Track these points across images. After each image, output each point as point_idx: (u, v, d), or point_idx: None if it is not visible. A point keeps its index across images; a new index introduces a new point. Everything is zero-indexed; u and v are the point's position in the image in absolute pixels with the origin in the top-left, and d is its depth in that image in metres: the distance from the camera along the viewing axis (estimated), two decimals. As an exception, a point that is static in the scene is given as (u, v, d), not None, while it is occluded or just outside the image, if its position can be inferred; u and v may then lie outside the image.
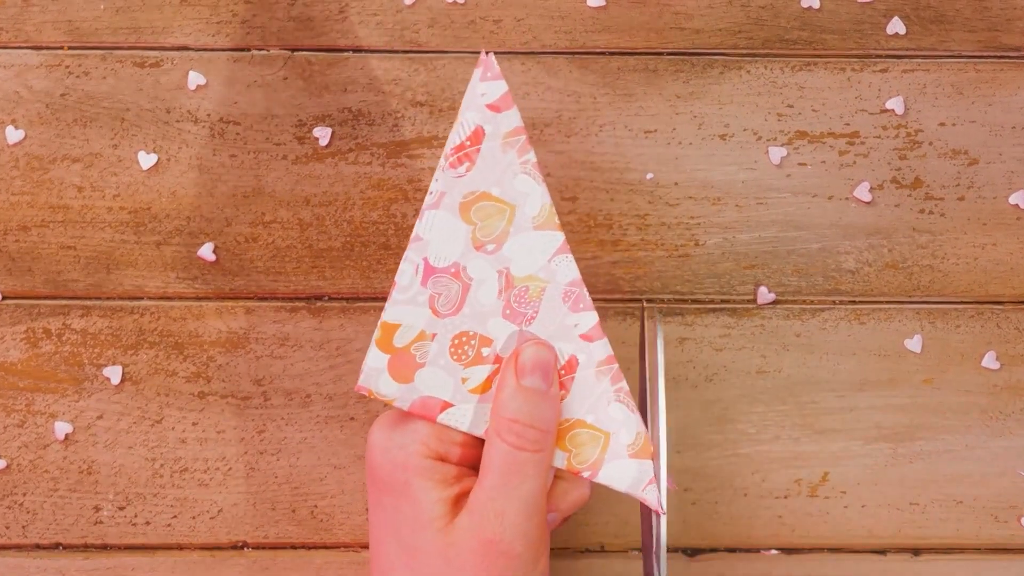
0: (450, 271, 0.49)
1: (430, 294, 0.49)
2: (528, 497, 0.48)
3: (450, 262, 0.49)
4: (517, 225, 0.49)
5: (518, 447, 0.48)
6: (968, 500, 0.58)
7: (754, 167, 0.59)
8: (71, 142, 0.59)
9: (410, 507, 0.49)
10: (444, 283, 0.49)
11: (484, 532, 0.48)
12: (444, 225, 0.49)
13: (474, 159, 0.49)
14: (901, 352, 0.58)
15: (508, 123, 0.49)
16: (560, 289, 0.49)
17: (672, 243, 0.59)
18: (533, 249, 0.49)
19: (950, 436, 0.58)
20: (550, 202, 0.49)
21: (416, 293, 0.49)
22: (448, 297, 0.49)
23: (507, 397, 0.49)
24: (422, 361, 0.49)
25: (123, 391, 0.58)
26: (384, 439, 0.50)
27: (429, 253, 0.49)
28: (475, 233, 0.49)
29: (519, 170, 0.49)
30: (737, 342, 0.59)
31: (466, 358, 0.49)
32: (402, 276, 0.49)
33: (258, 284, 0.59)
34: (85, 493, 0.58)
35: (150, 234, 0.59)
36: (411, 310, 0.49)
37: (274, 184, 0.59)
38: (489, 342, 0.49)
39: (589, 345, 0.49)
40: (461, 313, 0.49)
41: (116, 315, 0.59)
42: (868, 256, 0.59)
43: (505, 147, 0.49)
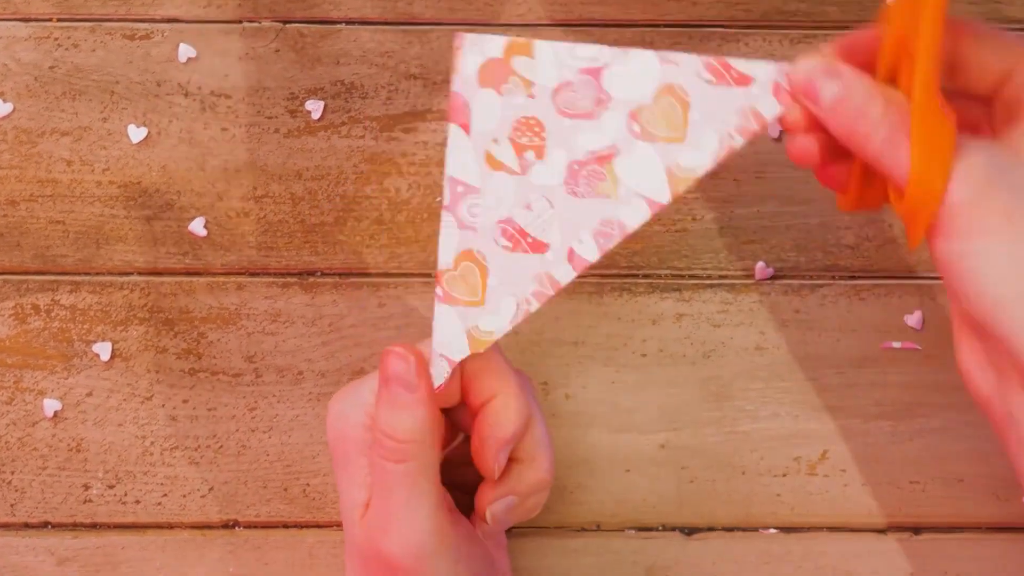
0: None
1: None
2: (408, 508, 0.46)
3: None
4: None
5: (381, 456, 0.47)
6: (969, 478, 0.57)
7: (753, 141, 0.58)
8: (60, 115, 0.58)
9: (346, 484, 0.48)
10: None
11: (378, 542, 0.47)
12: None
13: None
14: (902, 328, 0.58)
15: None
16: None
17: (669, 217, 0.58)
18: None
19: (951, 413, 0.57)
20: None
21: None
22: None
23: (376, 406, 0.48)
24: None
25: (113, 368, 0.58)
26: (335, 408, 0.49)
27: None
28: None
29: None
30: (735, 318, 0.58)
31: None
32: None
33: (249, 259, 0.58)
34: (74, 471, 0.57)
35: (140, 208, 0.58)
36: None
37: (266, 158, 0.58)
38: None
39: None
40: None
41: (106, 291, 0.58)
42: (868, 231, 0.58)
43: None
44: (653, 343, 0.58)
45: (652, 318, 0.58)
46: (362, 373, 0.57)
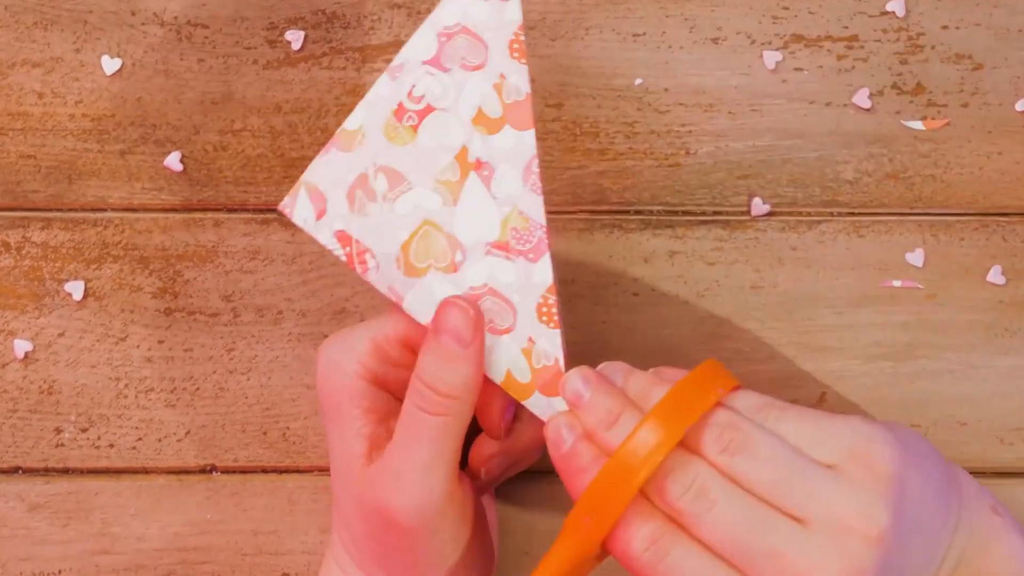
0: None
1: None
2: (426, 465, 0.45)
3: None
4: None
5: (419, 407, 0.45)
6: (972, 422, 0.55)
7: (748, 72, 0.56)
8: (31, 46, 0.56)
9: (340, 437, 0.47)
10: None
11: (383, 497, 0.45)
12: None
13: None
14: (902, 266, 0.56)
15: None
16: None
17: (662, 152, 0.56)
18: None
19: (953, 355, 0.56)
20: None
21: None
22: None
23: (421, 353, 0.46)
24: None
25: (86, 307, 0.56)
26: (326, 357, 0.48)
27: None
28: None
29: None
30: (730, 256, 0.56)
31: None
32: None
33: (227, 195, 0.56)
34: (46, 414, 0.55)
35: (114, 142, 0.56)
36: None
37: (244, 90, 0.56)
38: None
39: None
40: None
41: (78, 227, 0.56)
42: (867, 166, 0.56)
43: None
44: (645, 282, 0.56)
45: (644, 256, 0.56)
46: (344, 313, 0.56)
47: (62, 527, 0.55)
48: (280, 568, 0.55)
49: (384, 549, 0.46)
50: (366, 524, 0.47)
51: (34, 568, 0.55)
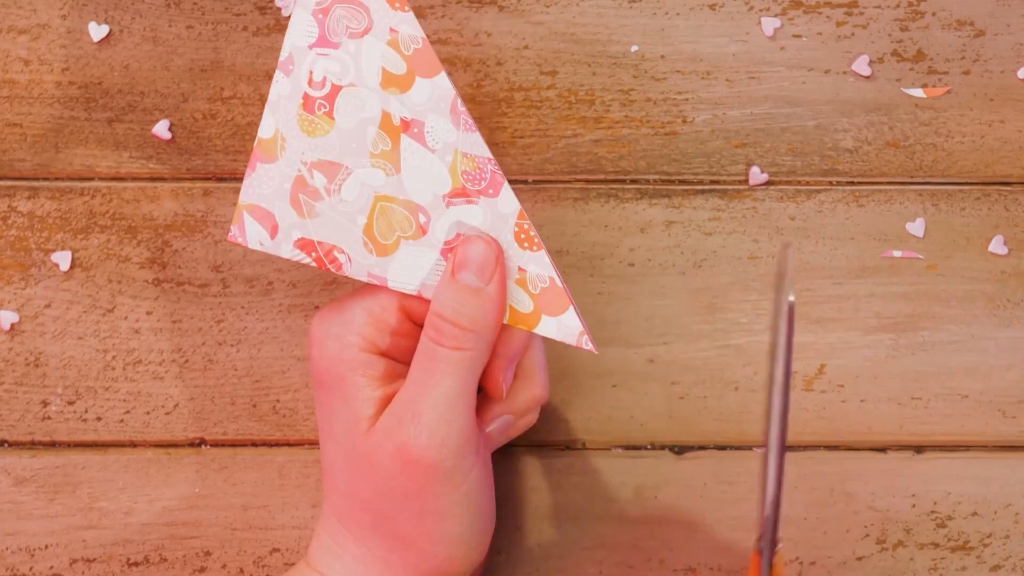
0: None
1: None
2: (447, 398, 0.44)
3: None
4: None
5: (436, 342, 0.45)
6: (974, 394, 0.54)
7: (746, 39, 0.56)
8: (17, 12, 0.56)
9: (343, 404, 0.46)
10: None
11: (400, 435, 0.45)
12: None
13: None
14: (902, 236, 0.55)
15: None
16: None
17: (658, 120, 0.55)
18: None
19: (955, 326, 0.55)
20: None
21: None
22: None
23: (438, 289, 0.46)
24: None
25: (72, 278, 0.55)
26: (322, 331, 0.47)
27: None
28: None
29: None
30: (728, 226, 0.55)
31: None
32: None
33: (216, 163, 0.55)
34: (32, 387, 0.55)
35: (101, 111, 0.55)
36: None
37: (234, 57, 0.55)
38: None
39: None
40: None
41: (65, 197, 0.55)
42: (867, 134, 0.55)
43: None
44: (641, 252, 0.55)
45: (640, 226, 0.55)
46: (335, 284, 0.55)
47: (48, 501, 0.54)
48: (270, 543, 0.54)
49: (390, 506, 0.46)
50: (373, 482, 0.46)
51: (20, 543, 0.54)
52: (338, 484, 0.47)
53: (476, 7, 0.55)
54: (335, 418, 0.47)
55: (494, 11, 0.55)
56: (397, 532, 0.46)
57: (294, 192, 0.46)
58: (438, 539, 0.46)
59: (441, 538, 0.46)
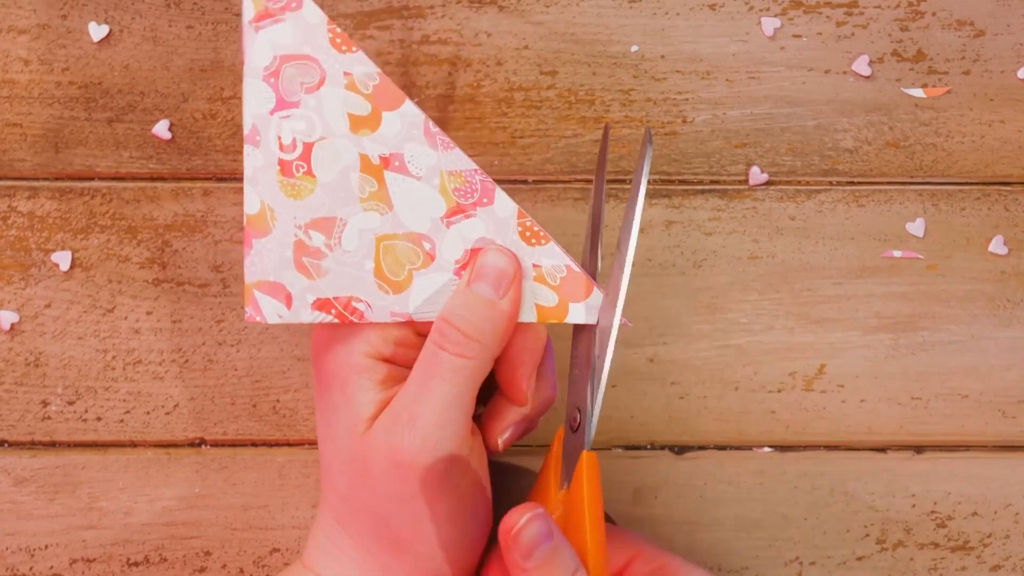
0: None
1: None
2: (443, 403, 0.44)
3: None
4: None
5: (440, 346, 0.45)
6: (974, 394, 0.54)
7: (746, 39, 0.56)
8: (17, 12, 0.55)
9: (344, 406, 0.46)
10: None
11: (394, 438, 0.44)
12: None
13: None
14: (902, 236, 0.55)
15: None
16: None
17: (658, 120, 0.55)
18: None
19: (954, 326, 0.55)
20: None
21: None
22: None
23: (452, 296, 0.46)
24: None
25: (73, 278, 0.55)
26: (327, 334, 0.47)
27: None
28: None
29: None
30: (728, 225, 0.55)
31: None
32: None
33: (216, 164, 0.55)
34: (32, 387, 0.55)
35: (101, 110, 0.55)
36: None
37: (234, 57, 0.55)
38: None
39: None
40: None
41: (65, 197, 0.55)
42: (867, 134, 0.55)
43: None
44: (641, 252, 0.55)
45: (640, 226, 0.55)
46: (335, 283, 0.55)
47: (48, 501, 0.54)
48: (270, 543, 0.54)
49: (386, 509, 0.45)
50: (369, 485, 0.46)
51: (20, 543, 0.54)
52: (336, 485, 0.47)
53: (476, 7, 0.55)
54: (335, 420, 0.47)
55: (494, 11, 0.55)
56: (393, 535, 0.46)
57: (297, 257, 0.46)
58: (433, 542, 0.46)
59: (435, 541, 0.46)
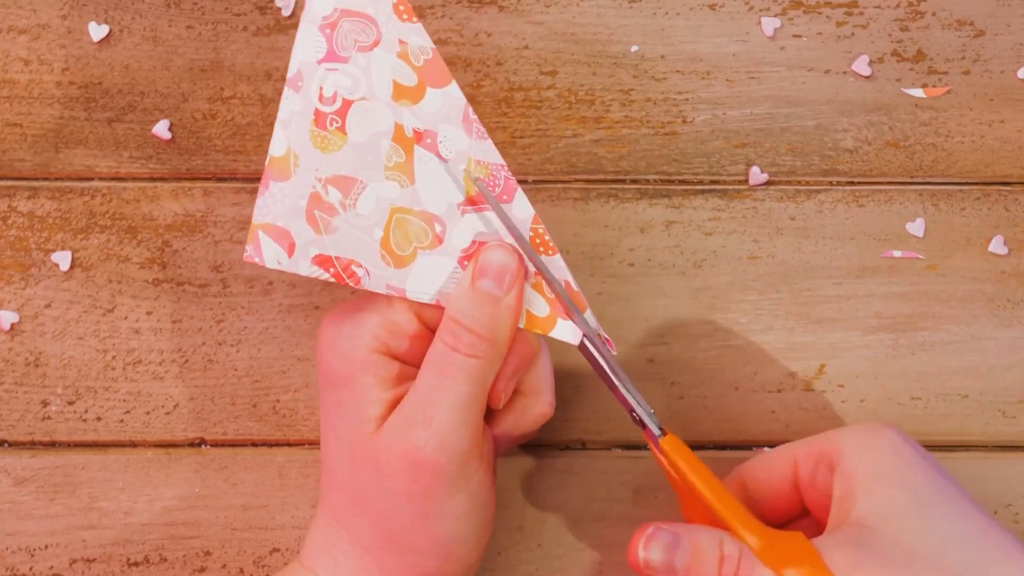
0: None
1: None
2: (458, 404, 0.45)
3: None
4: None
5: (452, 347, 0.45)
6: (974, 394, 0.54)
7: (746, 39, 0.56)
8: (17, 12, 0.56)
9: (351, 404, 0.46)
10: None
11: (409, 438, 0.45)
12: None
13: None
14: (902, 236, 0.55)
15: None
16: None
17: (658, 120, 0.55)
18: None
19: (955, 326, 0.55)
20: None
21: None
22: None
23: (456, 295, 0.46)
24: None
25: (72, 278, 0.55)
26: (333, 330, 0.47)
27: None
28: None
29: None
30: (728, 226, 0.55)
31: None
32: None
33: (216, 164, 0.55)
34: (32, 387, 0.55)
35: (101, 110, 0.55)
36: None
37: (234, 57, 0.55)
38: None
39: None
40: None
41: (65, 197, 0.55)
42: (867, 134, 0.55)
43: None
44: (641, 252, 0.55)
45: (640, 226, 0.55)
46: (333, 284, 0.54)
47: (48, 501, 0.54)
48: (270, 543, 0.54)
49: (392, 507, 0.46)
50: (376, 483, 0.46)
51: (20, 543, 0.54)
52: (338, 484, 0.47)
53: (476, 7, 0.55)
54: (340, 417, 0.47)
55: (494, 11, 0.55)
56: (396, 533, 0.46)
57: (310, 209, 0.46)
58: (438, 540, 0.46)
59: (441, 539, 0.46)
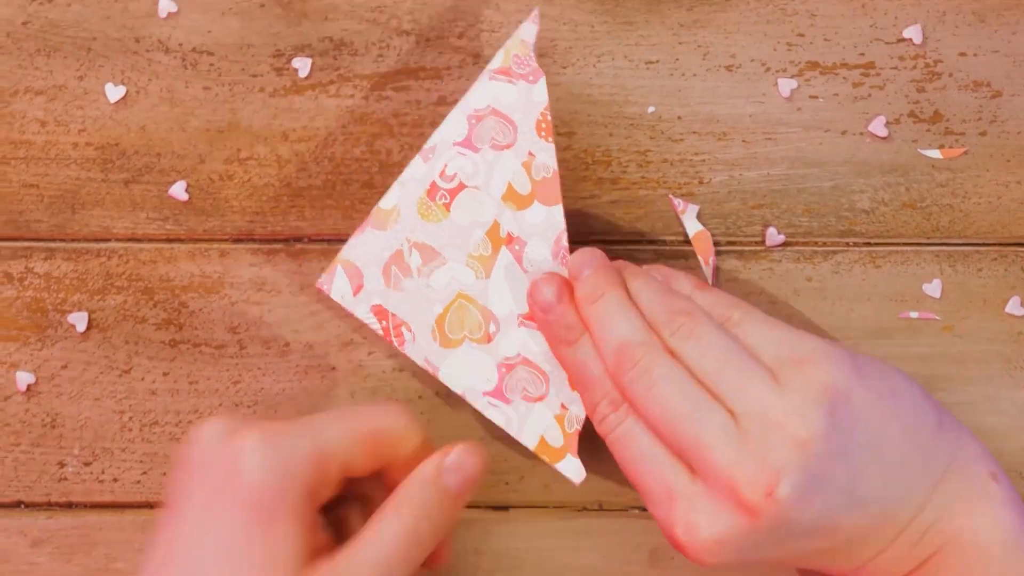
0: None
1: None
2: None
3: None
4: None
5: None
6: (992, 455, 0.54)
7: (762, 100, 0.56)
8: (34, 73, 0.56)
9: (268, 540, 0.42)
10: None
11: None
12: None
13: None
14: (919, 297, 0.55)
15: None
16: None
17: (675, 181, 0.55)
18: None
19: (971, 387, 0.55)
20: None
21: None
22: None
23: (425, 489, 0.45)
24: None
25: (89, 339, 0.55)
26: (266, 450, 0.43)
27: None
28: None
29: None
30: (744, 287, 0.55)
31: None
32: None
33: (233, 225, 0.55)
34: (49, 448, 0.55)
35: (118, 171, 0.55)
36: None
37: (250, 118, 0.55)
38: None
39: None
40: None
41: (82, 258, 0.55)
42: (884, 195, 0.55)
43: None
44: (658, 313, 0.55)
45: (657, 287, 0.55)
46: (351, 344, 0.55)
47: (65, 562, 0.54)
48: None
49: None
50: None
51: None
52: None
53: (493, 68, 0.55)
54: (245, 545, 0.42)
55: (511, 72, 0.55)
56: None
57: (389, 263, 0.49)
58: None
59: None
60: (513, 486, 0.54)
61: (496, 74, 0.50)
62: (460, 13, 0.56)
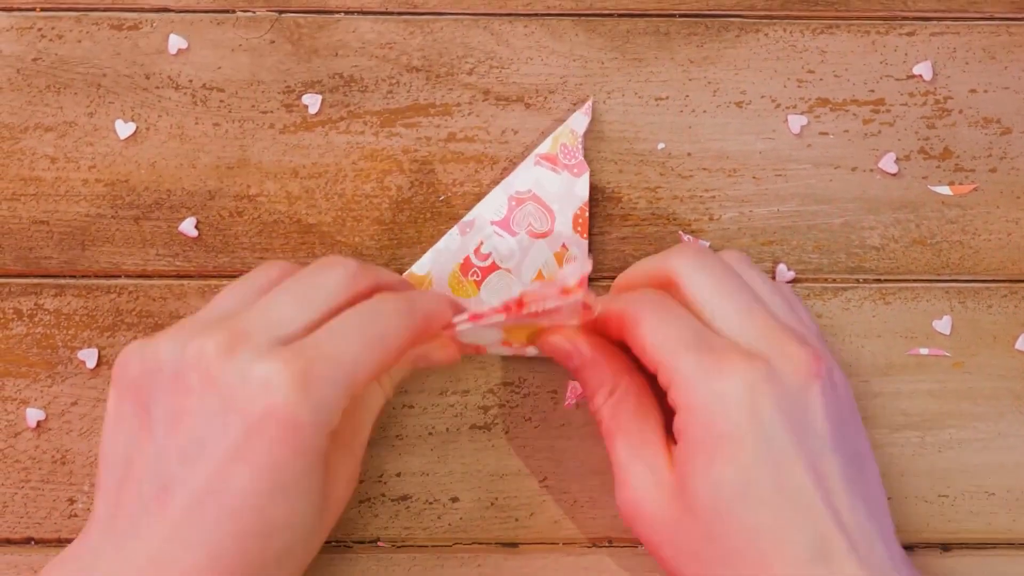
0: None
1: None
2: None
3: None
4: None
5: None
6: (1001, 492, 0.54)
7: (772, 136, 0.56)
8: (44, 110, 0.56)
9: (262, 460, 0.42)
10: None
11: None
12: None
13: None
14: (929, 334, 0.55)
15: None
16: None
17: (685, 218, 0.55)
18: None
19: (981, 424, 0.55)
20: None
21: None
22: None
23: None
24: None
25: (99, 375, 0.55)
26: (304, 391, 0.42)
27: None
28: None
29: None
30: (754, 323, 0.55)
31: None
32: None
33: (243, 261, 0.55)
34: (59, 484, 0.55)
35: (128, 208, 0.55)
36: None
37: (260, 155, 0.55)
38: None
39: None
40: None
41: (92, 294, 0.55)
42: (894, 232, 0.55)
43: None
44: (668, 349, 0.55)
45: (667, 323, 0.55)
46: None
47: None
48: (297, 641, 0.54)
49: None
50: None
51: (47, 641, 0.54)
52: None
53: (503, 105, 0.55)
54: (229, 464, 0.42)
55: (520, 108, 0.55)
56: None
57: None
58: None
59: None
60: (523, 522, 0.54)
61: (542, 159, 0.51)
62: (470, 50, 0.56)
